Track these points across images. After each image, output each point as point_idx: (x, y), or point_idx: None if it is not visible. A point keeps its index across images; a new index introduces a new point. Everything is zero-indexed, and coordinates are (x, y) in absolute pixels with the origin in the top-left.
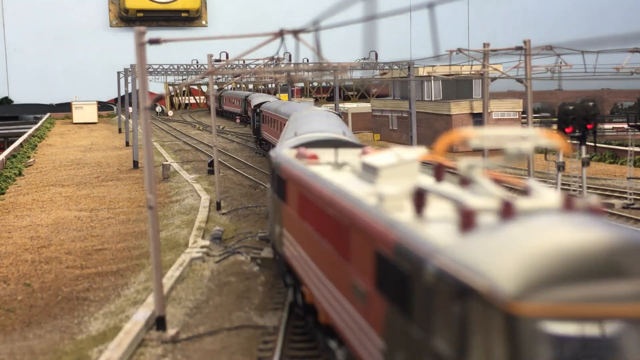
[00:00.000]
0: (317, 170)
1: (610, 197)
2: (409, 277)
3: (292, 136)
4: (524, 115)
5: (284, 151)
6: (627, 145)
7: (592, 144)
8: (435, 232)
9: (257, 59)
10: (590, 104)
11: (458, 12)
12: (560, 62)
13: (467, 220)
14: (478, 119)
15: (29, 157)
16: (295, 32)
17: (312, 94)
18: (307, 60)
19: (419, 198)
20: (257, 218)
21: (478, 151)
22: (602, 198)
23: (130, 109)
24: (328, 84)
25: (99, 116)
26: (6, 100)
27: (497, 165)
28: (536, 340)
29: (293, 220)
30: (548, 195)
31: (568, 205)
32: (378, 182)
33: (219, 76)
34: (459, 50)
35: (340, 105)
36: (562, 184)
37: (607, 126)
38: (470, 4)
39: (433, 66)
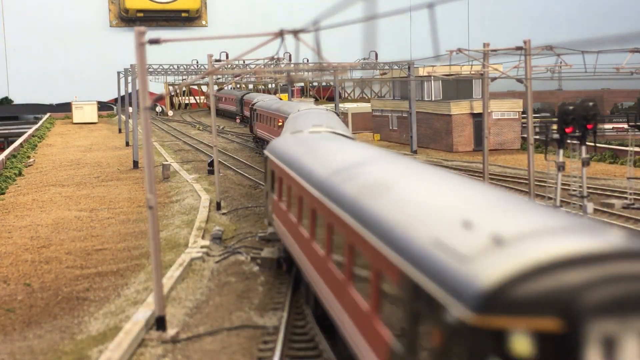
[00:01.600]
0: None
1: (610, 197)
2: None
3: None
4: (524, 115)
5: None
6: (627, 145)
7: (592, 144)
8: None
9: (257, 59)
10: (590, 104)
11: (458, 12)
12: (560, 62)
13: None
14: (478, 119)
15: (29, 157)
16: (295, 32)
17: (312, 93)
18: (307, 60)
19: None
20: (257, 218)
21: (478, 151)
22: (602, 198)
23: (130, 109)
24: (328, 84)
25: (99, 116)
26: (6, 100)
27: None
28: None
29: None
30: None
31: None
32: None
33: (219, 76)
34: (459, 50)
35: (340, 105)
36: (562, 184)
37: (607, 126)
38: (470, 4)
39: (433, 66)
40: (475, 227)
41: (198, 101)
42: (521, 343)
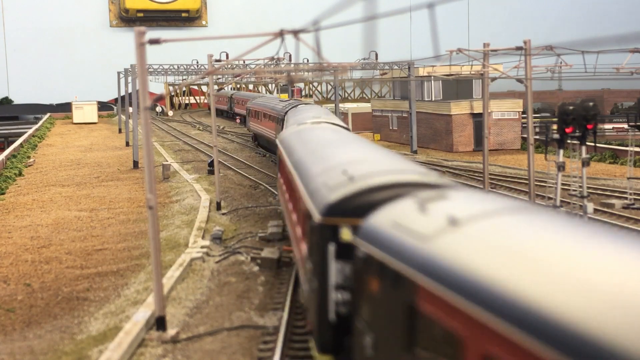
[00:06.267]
0: None
1: (610, 197)
2: None
3: None
4: (524, 115)
5: None
6: (627, 145)
7: (592, 144)
8: None
9: (257, 59)
10: (590, 104)
11: (458, 12)
12: (560, 62)
13: None
14: (478, 119)
15: (29, 157)
16: (295, 32)
17: (312, 92)
18: (307, 60)
19: None
20: (257, 218)
21: (478, 151)
22: (602, 198)
23: (130, 109)
24: (329, 84)
25: (99, 116)
26: (6, 100)
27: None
28: None
29: None
30: None
31: None
32: None
33: (219, 76)
34: (459, 50)
35: (340, 105)
36: (562, 184)
37: (607, 126)
38: (470, 4)
39: (433, 66)
40: (342, 173)
41: (198, 101)
42: (345, 233)
